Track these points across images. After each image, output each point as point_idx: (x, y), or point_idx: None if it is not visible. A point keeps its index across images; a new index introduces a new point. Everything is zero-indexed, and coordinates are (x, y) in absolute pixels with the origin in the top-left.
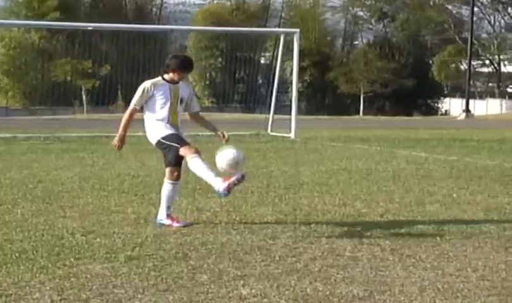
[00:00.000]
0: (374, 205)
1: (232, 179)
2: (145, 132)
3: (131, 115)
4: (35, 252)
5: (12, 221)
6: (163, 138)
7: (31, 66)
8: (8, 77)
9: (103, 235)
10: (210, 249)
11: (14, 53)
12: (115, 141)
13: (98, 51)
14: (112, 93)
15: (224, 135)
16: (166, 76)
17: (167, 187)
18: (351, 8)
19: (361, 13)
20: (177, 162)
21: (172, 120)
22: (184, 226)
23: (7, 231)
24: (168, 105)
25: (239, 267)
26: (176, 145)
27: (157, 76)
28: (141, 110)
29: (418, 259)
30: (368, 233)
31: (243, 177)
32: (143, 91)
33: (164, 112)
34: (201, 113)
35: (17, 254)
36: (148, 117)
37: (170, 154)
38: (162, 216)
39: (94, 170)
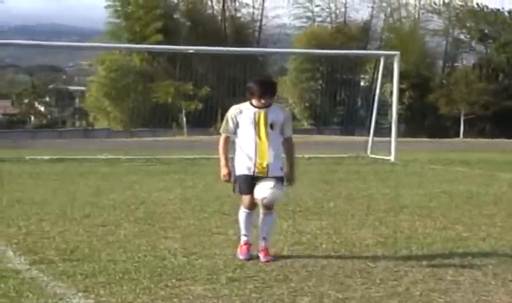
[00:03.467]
0: (476, 229)
1: (243, 256)
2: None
3: (225, 142)
4: (137, 272)
5: (115, 241)
6: (236, 176)
7: (132, 88)
8: (109, 99)
9: (204, 257)
10: (311, 272)
11: (115, 75)
12: (222, 172)
13: (199, 73)
14: (212, 115)
15: (290, 181)
16: (253, 101)
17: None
18: (451, 30)
19: (462, 35)
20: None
21: (258, 148)
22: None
23: (111, 251)
24: (253, 130)
25: (340, 290)
26: (237, 192)
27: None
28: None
29: None
30: (470, 257)
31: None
32: (229, 119)
33: (249, 139)
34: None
35: (120, 275)
36: (236, 141)
37: (233, 187)
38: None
39: (195, 191)
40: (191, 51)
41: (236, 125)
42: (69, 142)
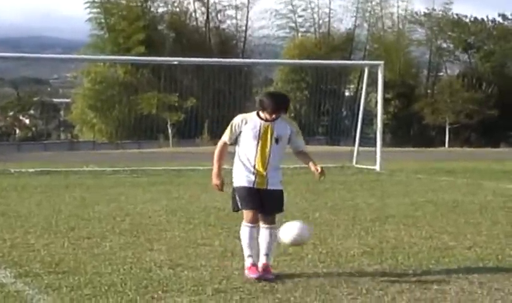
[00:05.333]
0: (461, 238)
1: (257, 275)
2: (231, 166)
3: (221, 149)
4: (123, 284)
5: (100, 254)
6: (235, 188)
7: (117, 100)
8: (94, 111)
9: (190, 268)
10: (297, 282)
11: (100, 87)
12: (214, 181)
13: (183, 85)
14: (198, 126)
15: (317, 170)
16: (261, 113)
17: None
18: (435, 40)
19: (445, 45)
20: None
21: (259, 161)
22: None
23: (96, 264)
24: (256, 143)
25: (326, 300)
26: (238, 206)
27: (243, 109)
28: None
29: (506, 293)
30: (456, 266)
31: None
32: (232, 127)
33: (250, 151)
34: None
35: (106, 287)
36: (236, 152)
37: (232, 205)
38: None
39: (181, 203)
40: (175, 62)
41: (238, 134)
42: (54, 155)
